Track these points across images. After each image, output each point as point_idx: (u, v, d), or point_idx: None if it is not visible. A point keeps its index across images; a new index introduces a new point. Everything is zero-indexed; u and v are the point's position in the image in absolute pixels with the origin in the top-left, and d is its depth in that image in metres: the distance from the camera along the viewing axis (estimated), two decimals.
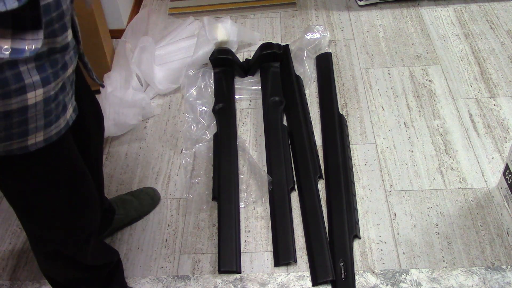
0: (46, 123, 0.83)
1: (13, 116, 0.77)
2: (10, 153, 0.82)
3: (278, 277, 1.42)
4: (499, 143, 1.72)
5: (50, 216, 1.00)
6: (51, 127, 0.85)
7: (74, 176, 1.00)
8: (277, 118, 1.84)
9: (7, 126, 0.78)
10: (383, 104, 1.90)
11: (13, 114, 0.77)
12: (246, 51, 2.22)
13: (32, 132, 0.82)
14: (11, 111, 0.77)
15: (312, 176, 1.63)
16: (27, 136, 0.82)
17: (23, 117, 0.79)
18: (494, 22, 2.23)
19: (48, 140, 0.86)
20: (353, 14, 2.36)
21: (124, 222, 1.56)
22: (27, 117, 0.79)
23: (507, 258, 1.42)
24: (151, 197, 1.62)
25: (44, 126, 0.83)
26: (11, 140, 0.80)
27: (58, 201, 0.99)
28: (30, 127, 0.81)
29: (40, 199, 0.96)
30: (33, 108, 0.79)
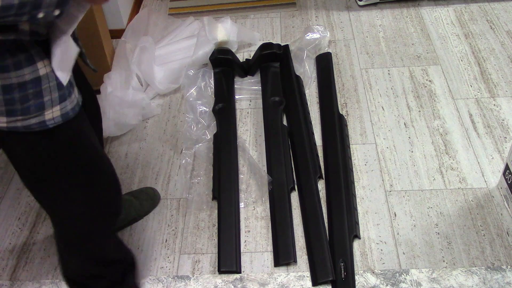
0: (60, 95, 0.85)
1: (27, 87, 0.80)
2: (28, 128, 0.84)
3: (278, 277, 1.42)
4: (499, 143, 1.72)
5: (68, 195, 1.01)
6: (65, 101, 0.87)
7: (96, 155, 1.02)
8: (277, 118, 1.84)
9: (23, 98, 0.81)
10: (383, 104, 1.90)
11: (27, 85, 0.80)
12: (246, 51, 2.22)
13: (48, 105, 0.84)
14: (25, 82, 0.79)
15: (312, 176, 1.63)
16: (44, 110, 0.84)
17: (37, 89, 0.81)
18: (494, 22, 2.23)
19: (65, 116, 0.87)
20: (353, 14, 2.36)
21: (124, 223, 1.56)
22: (41, 88, 0.82)
23: (507, 258, 1.42)
24: (151, 197, 1.62)
25: (59, 99, 0.85)
26: (28, 113, 0.83)
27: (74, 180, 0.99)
28: (45, 100, 0.83)
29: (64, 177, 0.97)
30: (45, 79, 0.82)
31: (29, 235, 1.59)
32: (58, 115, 0.86)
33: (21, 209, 1.67)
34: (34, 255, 1.54)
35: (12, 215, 1.65)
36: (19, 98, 0.81)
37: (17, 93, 0.80)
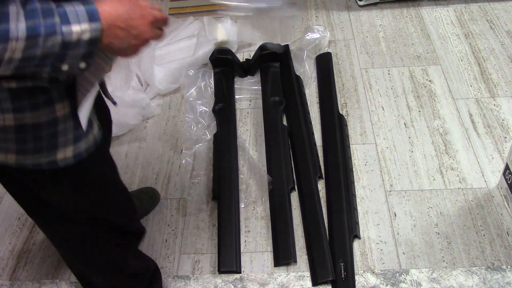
0: (76, 136, 0.81)
1: (42, 128, 0.76)
2: (38, 166, 0.80)
3: (278, 277, 1.42)
4: (499, 143, 1.72)
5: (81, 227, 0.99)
6: (80, 142, 0.82)
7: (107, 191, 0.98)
8: (277, 118, 1.84)
9: (36, 138, 0.76)
10: (383, 104, 1.90)
11: (42, 126, 0.75)
12: (246, 51, 2.22)
13: (62, 146, 0.80)
14: (40, 124, 0.75)
15: (312, 176, 1.63)
16: (56, 150, 0.79)
17: (52, 130, 0.77)
18: (494, 22, 2.23)
19: (77, 156, 0.83)
20: (353, 14, 2.36)
21: None
22: (56, 129, 0.77)
23: (507, 258, 1.42)
24: (150, 197, 1.62)
25: (74, 139, 0.81)
26: (40, 152, 0.78)
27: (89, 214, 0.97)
28: (59, 140, 0.79)
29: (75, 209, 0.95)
30: (62, 121, 0.77)
31: (29, 235, 1.59)
32: (71, 155, 0.82)
33: (21, 209, 1.66)
34: (34, 255, 1.54)
35: (12, 215, 1.65)
36: (32, 137, 0.76)
37: (30, 133, 0.76)
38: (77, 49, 0.65)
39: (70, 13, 0.63)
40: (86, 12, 0.65)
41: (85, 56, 0.67)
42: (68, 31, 0.63)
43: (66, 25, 0.63)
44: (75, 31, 0.63)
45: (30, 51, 0.61)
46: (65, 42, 0.63)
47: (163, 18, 0.77)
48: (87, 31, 0.64)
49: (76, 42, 0.64)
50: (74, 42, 0.64)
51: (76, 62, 0.67)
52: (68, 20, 0.63)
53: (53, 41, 0.62)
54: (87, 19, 0.64)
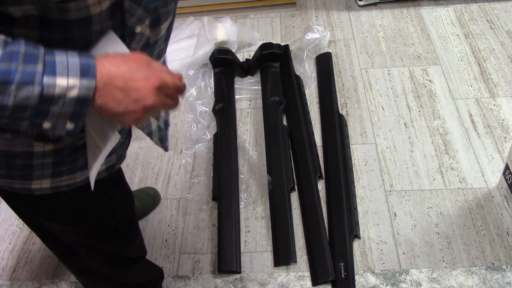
0: (55, 172, 0.73)
1: (16, 158, 0.69)
2: (13, 190, 0.75)
3: (278, 277, 1.42)
4: (499, 143, 1.72)
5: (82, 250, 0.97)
6: (61, 177, 0.75)
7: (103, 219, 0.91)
8: (277, 118, 1.84)
9: (8, 165, 0.71)
10: (383, 104, 1.90)
11: (16, 156, 0.69)
12: (246, 51, 2.22)
13: (37, 177, 0.73)
14: (14, 153, 0.69)
15: (312, 176, 1.63)
16: (31, 181, 0.73)
17: (27, 162, 0.70)
18: (494, 22, 2.23)
19: (56, 189, 0.76)
20: (353, 14, 2.36)
21: None
22: (32, 163, 0.70)
23: (507, 258, 1.42)
24: (151, 197, 1.62)
25: (52, 175, 0.74)
26: (13, 179, 0.73)
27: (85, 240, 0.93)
28: (34, 173, 0.72)
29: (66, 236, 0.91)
30: (39, 156, 0.70)
31: (29, 235, 1.59)
32: (48, 187, 0.75)
33: None
34: (34, 255, 1.54)
35: (12, 215, 1.65)
36: (4, 164, 0.70)
37: (3, 159, 0.69)
38: (61, 106, 0.55)
39: (59, 63, 0.54)
40: (80, 65, 0.55)
41: (73, 117, 0.56)
42: (50, 84, 0.53)
43: (50, 76, 0.53)
44: (60, 84, 0.53)
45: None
46: (45, 96, 0.53)
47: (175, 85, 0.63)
48: (75, 88, 0.54)
49: (58, 97, 0.54)
50: (56, 98, 0.54)
51: (61, 122, 0.56)
52: (54, 71, 0.53)
53: (29, 92, 0.52)
54: (78, 73, 0.55)
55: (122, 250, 1.03)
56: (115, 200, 0.93)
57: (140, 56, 0.60)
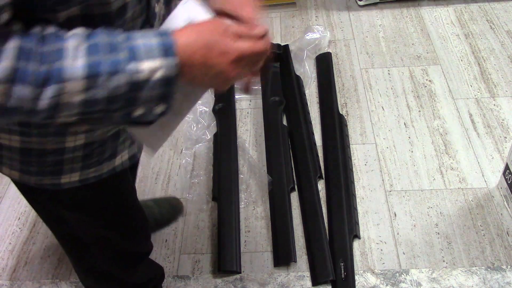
0: (84, 165, 0.75)
1: (47, 155, 0.71)
2: (41, 187, 0.76)
3: (278, 277, 1.42)
4: (499, 143, 1.72)
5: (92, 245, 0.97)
6: (89, 169, 0.76)
7: (121, 212, 0.94)
8: (277, 118, 1.84)
9: (40, 162, 0.72)
10: (383, 104, 1.90)
11: (48, 153, 0.70)
12: None
13: (67, 172, 0.74)
14: (45, 150, 0.70)
15: (312, 176, 1.63)
16: (61, 175, 0.75)
17: (58, 158, 0.72)
18: (494, 22, 2.23)
19: (84, 181, 0.77)
20: (353, 14, 2.36)
21: None
22: (62, 158, 0.72)
23: (507, 258, 1.42)
24: (173, 207, 1.57)
25: (81, 168, 0.75)
26: (43, 176, 0.74)
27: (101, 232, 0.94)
28: (65, 168, 0.73)
29: (81, 228, 0.92)
30: (70, 151, 0.71)
31: (29, 235, 1.59)
32: (76, 180, 0.76)
33: (21, 209, 1.67)
34: (34, 255, 1.54)
35: (12, 215, 1.65)
36: (36, 161, 0.71)
37: (35, 157, 0.71)
38: (149, 90, 0.54)
39: (140, 47, 0.53)
40: (159, 46, 0.54)
41: (162, 98, 0.56)
42: (135, 70, 0.53)
43: (134, 62, 0.52)
44: (144, 69, 0.53)
45: (90, 94, 0.52)
46: (132, 83, 0.53)
47: (254, 53, 0.60)
48: (159, 69, 0.53)
49: (145, 82, 0.53)
50: (143, 83, 0.53)
51: (152, 106, 0.56)
52: (136, 56, 0.53)
53: (118, 81, 0.52)
54: (159, 54, 0.53)
55: (134, 242, 1.04)
56: (131, 189, 0.95)
57: (216, 25, 0.59)
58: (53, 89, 0.50)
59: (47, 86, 0.49)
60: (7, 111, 0.50)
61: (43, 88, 0.49)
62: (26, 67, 0.48)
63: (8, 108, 0.49)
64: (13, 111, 0.50)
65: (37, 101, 0.50)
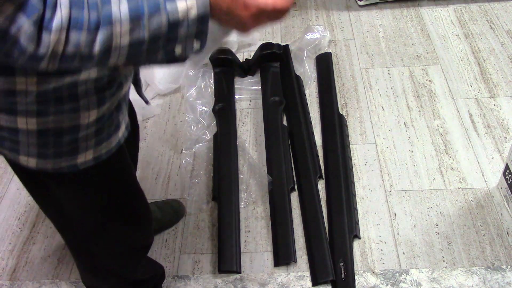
0: (97, 141, 0.80)
1: (64, 134, 0.75)
2: (59, 170, 0.79)
3: (278, 277, 1.42)
4: (499, 143, 1.72)
5: (97, 233, 0.98)
6: (101, 145, 0.81)
7: (126, 193, 0.97)
8: (277, 118, 1.84)
9: (57, 143, 0.75)
10: (383, 104, 1.90)
11: (64, 132, 0.74)
12: (246, 51, 2.22)
13: (82, 150, 0.79)
14: (62, 128, 0.74)
15: (312, 176, 1.63)
16: (77, 155, 0.78)
17: (74, 136, 0.76)
18: (494, 22, 2.23)
19: (98, 159, 0.82)
20: (353, 14, 2.36)
21: None
22: (78, 136, 0.76)
23: (507, 258, 1.42)
24: (175, 211, 1.57)
25: (95, 144, 0.80)
26: (60, 157, 0.77)
27: (106, 218, 0.96)
28: (80, 146, 0.78)
29: (88, 215, 0.93)
30: (84, 128, 0.76)
31: (29, 235, 1.59)
32: (91, 158, 0.81)
33: (21, 209, 1.67)
34: (34, 255, 1.54)
35: (12, 215, 1.65)
36: (53, 142, 0.75)
37: (51, 138, 0.74)
38: (186, 28, 0.60)
39: None
40: None
41: (198, 35, 0.61)
42: (174, 9, 0.58)
43: (171, 2, 0.58)
44: (181, 8, 0.58)
45: (136, 35, 0.57)
46: (172, 21, 0.58)
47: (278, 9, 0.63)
48: (194, 7, 0.59)
49: (182, 20, 0.59)
50: (181, 21, 0.59)
51: (189, 43, 0.62)
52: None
53: (159, 21, 0.57)
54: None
55: (136, 230, 1.04)
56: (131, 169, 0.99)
57: None
58: (104, 33, 0.55)
59: (99, 31, 0.55)
60: (67, 58, 0.55)
61: (95, 32, 0.55)
62: (79, 15, 0.54)
63: (67, 55, 0.55)
64: (72, 57, 0.56)
65: (92, 45, 0.55)
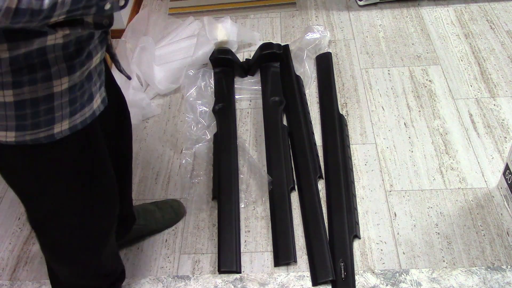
0: (72, 111, 0.84)
1: (40, 103, 0.79)
2: (36, 141, 0.83)
3: (278, 277, 1.42)
4: (499, 143, 1.72)
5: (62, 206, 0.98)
6: (75, 115, 0.85)
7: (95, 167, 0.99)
8: (277, 118, 1.84)
9: (34, 114, 0.79)
10: (383, 104, 1.90)
11: (40, 101, 0.79)
12: (246, 51, 2.22)
13: (58, 120, 0.83)
14: (37, 98, 0.78)
15: (312, 176, 1.63)
16: (54, 125, 0.83)
17: (49, 105, 0.80)
18: (494, 22, 2.23)
19: (73, 129, 0.86)
20: (353, 14, 2.36)
21: (143, 233, 1.52)
22: (53, 105, 0.81)
23: (507, 258, 1.42)
24: (175, 211, 1.57)
25: (70, 114, 0.84)
26: (38, 128, 0.81)
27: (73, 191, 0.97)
28: (56, 115, 0.82)
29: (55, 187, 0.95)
30: (59, 96, 0.80)
31: (29, 235, 1.59)
32: (67, 128, 0.85)
33: (21, 209, 1.67)
34: (34, 255, 1.54)
35: (12, 215, 1.65)
36: (30, 113, 0.79)
37: (29, 109, 0.79)
38: None
39: None
40: None
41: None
42: None
43: None
44: None
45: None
46: None
47: None
48: None
49: None
50: None
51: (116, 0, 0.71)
52: None
53: None
54: None
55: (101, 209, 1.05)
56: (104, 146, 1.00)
57: None
58: None
59: None
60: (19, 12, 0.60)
61: None
62: None
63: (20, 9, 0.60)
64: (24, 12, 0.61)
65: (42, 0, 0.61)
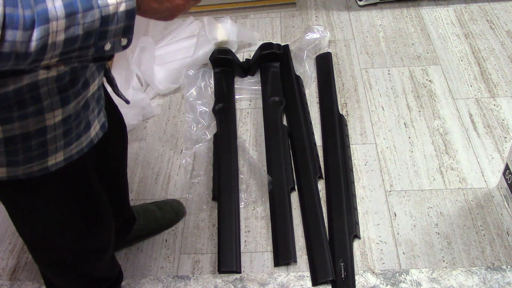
0: (66, 142, 0.80)
1: (31, 138, 0.75)
2: (30, 175, 0.79)
3: (278, 277, 1.42)
4: (499, 143, 1.72)
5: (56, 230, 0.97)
6: (71, 146, 0.82)
7: (90, 194, 0.97)
8: (277, 118, 1.84)
9: (26, 148, 0.75)
10: (383, 104, 1.90)
11: (32, 136, 0.75)
12: (246, 51, 2.22)
13: (52, 153, 0.79)
14: (29, 133, 0.74)
15: (312, 176, 1.63)
16: (47, 158, 0.79)
17: (42, 139, 0.76)
18: (494, 22, 2.23)
19: (68, 159, 0.83)
20: (353, 14, 2.36)
21: (143, 233, 1.52)
22: (46, 138, 0.76)
23: (507, 258, 1.42)
24: (175, 211, 1.57)
25: (64, 145, 0.80)
26: (31, 162, 0.78)
27: (68, 218, 0.96)
28: (50, 148, 0.78)
29: (49, 214, 0.93)
30: (52, 129, 0.76)
31: None
32: (61, 159, 0.82)
33: None
34: None
35: None
36: (22, 148, 0.75)
37: (20, 144, 0.75)
38: (116, 23, 0.61)
39: None
40: None
41: (125, 31, 0.64)
42: (105, 4, 0.59)
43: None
44: (111, 2, 0.59)
45: (71, 31, 0.57)
46: (104, 16, 0.59)
47: None
48: (123, 1, 0.60)
49: (113, 15, 0.60)
50: (111, 16, 0.60)
51: (118, 40, 0.64)
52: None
53: (92, 16, 0.58)
54: None
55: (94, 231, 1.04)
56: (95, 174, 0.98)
57: None
58: (40, 30, 0.55)
59: (35, 28, 0.54)
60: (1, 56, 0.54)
61: (31, 30, 0.54)
62: (13, 13, 0.52)
63: (3, 53, 0.54)
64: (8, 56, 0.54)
65: (28, 43, 0.55)
